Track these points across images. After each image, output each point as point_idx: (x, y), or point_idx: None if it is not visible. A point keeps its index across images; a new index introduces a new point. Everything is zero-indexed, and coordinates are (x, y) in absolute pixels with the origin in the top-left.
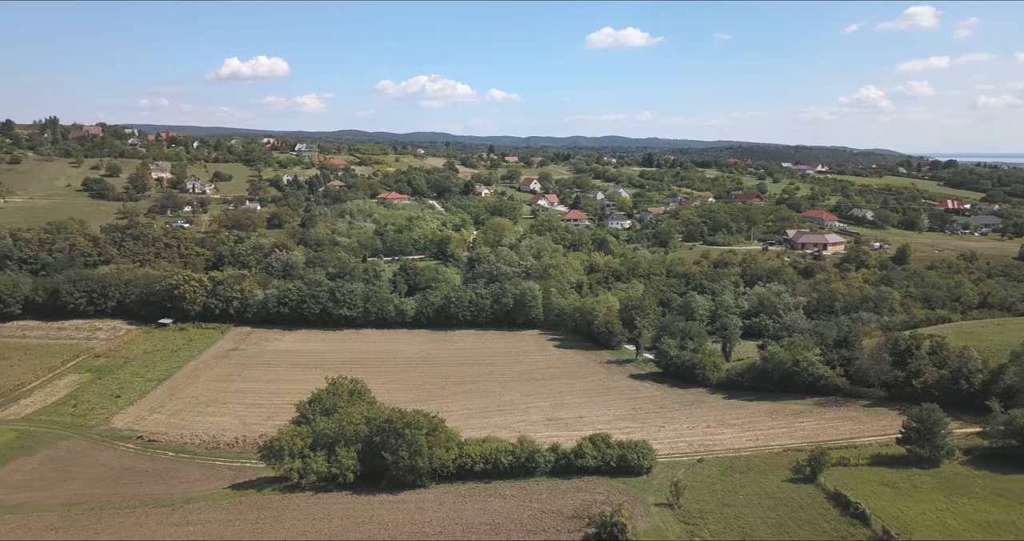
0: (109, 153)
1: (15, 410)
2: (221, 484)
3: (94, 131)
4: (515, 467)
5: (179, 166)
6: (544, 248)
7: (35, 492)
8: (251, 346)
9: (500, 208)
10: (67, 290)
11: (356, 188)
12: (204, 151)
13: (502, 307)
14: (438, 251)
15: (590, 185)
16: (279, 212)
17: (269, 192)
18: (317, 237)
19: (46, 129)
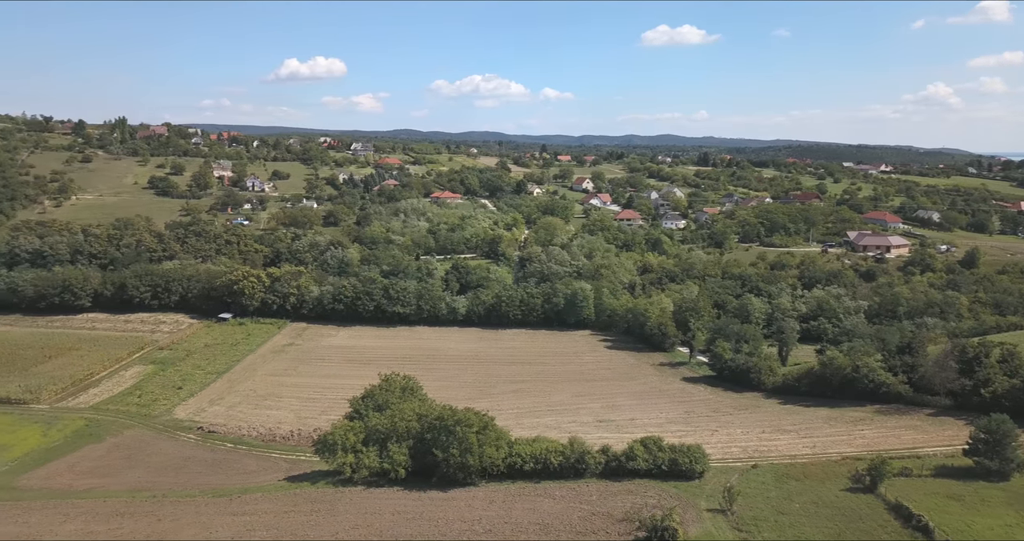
0: (174, 152)
1: (85, 399)
2: (277, 476)
3: (160, 131)
4: (565, 468)
5: (239, 165)
6: (596, 248)
7: (102, 478)
8: (307, 341)
9: (552, 207)
10: (133, 284)
11: (410, 187)
12: (263, 150)
13: (553, 307)
14: (489, 250)
15: (644, 184)
16: (335, 210)
17: (325, 190)
18: (372, 235)
19: (115, 129)
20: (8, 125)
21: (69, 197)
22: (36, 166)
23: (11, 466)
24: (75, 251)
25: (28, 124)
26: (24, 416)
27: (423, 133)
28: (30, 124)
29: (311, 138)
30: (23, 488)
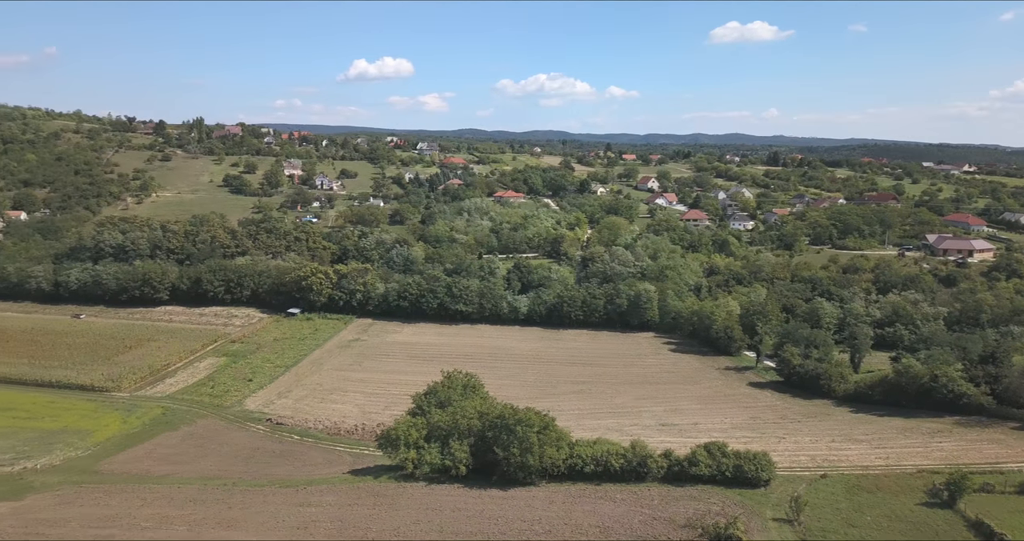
0: (247, 151)
1: (161, 388)
2: (341, 469)
3: (234, 130)
4: (626, 471)
5: (309, 163)
6: (661, 248)
7: (177, 465)
8: (372, 337)
9: (616, 207)
10: (208, 279)
11: (474, 186)
12: (332, 149)
13: (616, 308)
14: (552, 249)
15: (711, 184)
16: (401, 209)
17: (392, 189)
18: (436, 234)
19: (193, 129)
20: (95, 126)
21: (150, 194)
22: (120, 165)
23: (93, 450)
24: (154, 246)
25: (113, 124)
26: (106, 403)
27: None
28: (115, 124)
29: (378, 137)
30: (104, 472)
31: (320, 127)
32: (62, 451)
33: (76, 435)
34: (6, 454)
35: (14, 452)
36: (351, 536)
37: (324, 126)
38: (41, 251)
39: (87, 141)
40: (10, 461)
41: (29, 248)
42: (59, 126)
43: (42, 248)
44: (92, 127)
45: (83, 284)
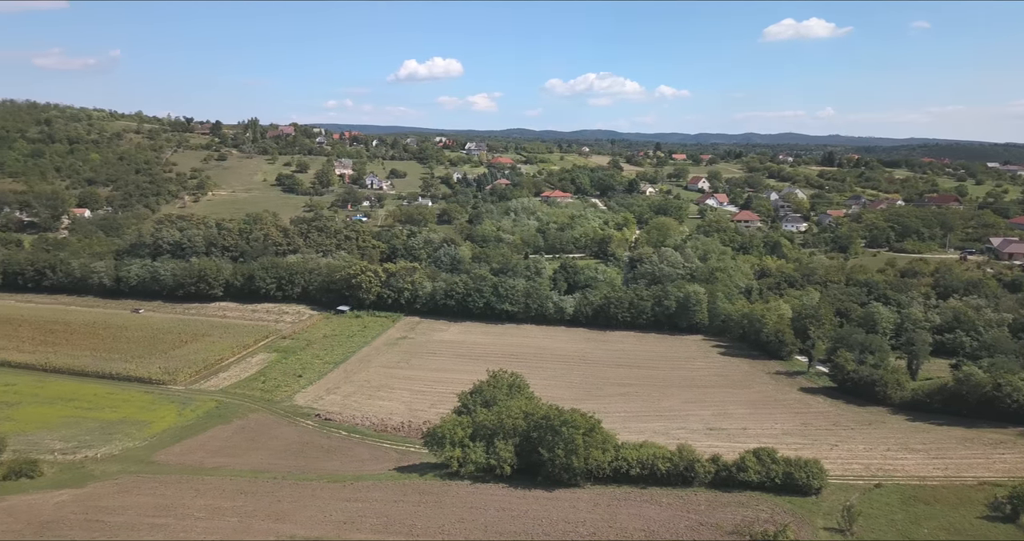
0: (299, 151)
1: (215, 382)
2: (387, 465)
3: (287, 130)
4: (673, 475)
5: (359, 163)
6: (711, 250)
7: (229, 458)
8: (419, 335)
9: (665, 207)
10: (260, 276)
11: (521, 186)
12: (382, 149)
13: (664, 310)
14: (599, 250)
15: (763, 185)
16: (448, 209)
17: (440, 189)
18: (483, 233)
19: (248, 129)
20: (155, 126)
21: (206, 193)
22: (178, 164)
23: (150, 441)
24: (210, 243)
25: (172, 125)
26: (162, 395)
27: (535, 132)
28: (174, 125)
29: (427, 137)
30: (160, 462)
31: (370, 127)
32: (121, 441)
33: (134, 426)
34: (69, 443)
35: (77, 441)
36: (396, 533)
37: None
38: (103, 247)
39: (148, 141)
40: (73, 450)
41: (92, 245)
42: (122, 127)
43: (104, 245)
44: (152, 127)
45: (142, 280)
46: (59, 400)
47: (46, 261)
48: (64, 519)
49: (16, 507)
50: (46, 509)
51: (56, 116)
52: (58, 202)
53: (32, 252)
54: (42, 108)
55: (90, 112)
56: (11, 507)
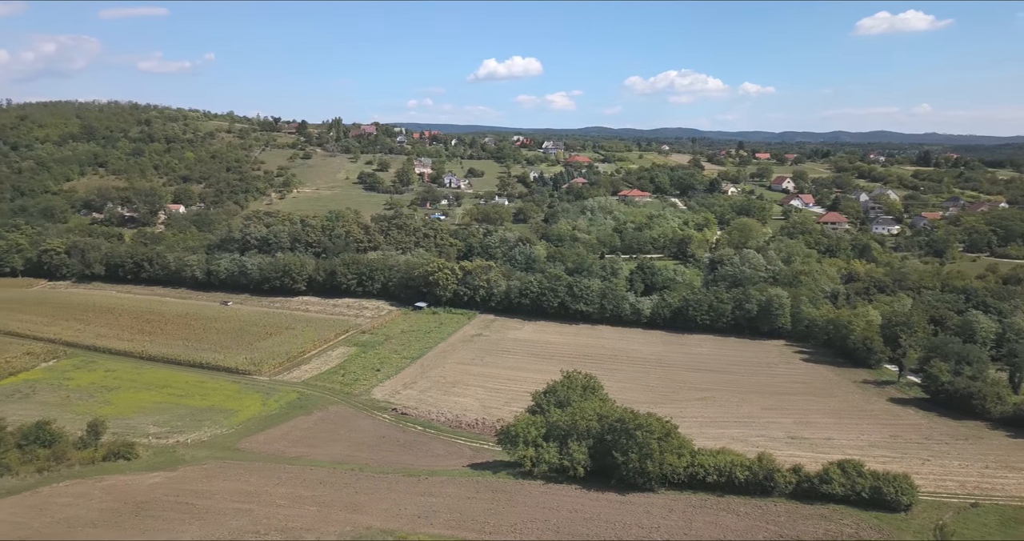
0: (381, 150)
1: (297, 374)
2: (461, 462)
3: (369, 130)
4: (751, 484)
5: (438, 162)
6: (795, 252)
7: (309, 448)
8: (493, 333)
9: (747, 207)
10: (342, 271)
11: (598, 185)
12: (460, 148)
13: (744, 313)
14: (678, 251)
15: (852, 185)
16: (524, 207)
17: (516, 188)
18: (558, 232)
19: (331, 128)
20: (245, 126)
21: (291, 190)
22: (266, 162)
23: (236, 429)
24: (294, 239)
25: (261, 125)
26: (248, 386)
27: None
28: (262, 124)
29: (505, 136)
30: (245, 450)
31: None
32: (209, 428)
33: (222, 414)
34: (162, 428)
35: (169, 426)
36: (469, 529)
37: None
38: (196, 242)
39: (238, 140)
40: (165, 434)
41: (186, 239)
42: (214, 126)
43: (197, 239)
44: (242, 127)
45: (231, 273)
46: (154, 386)
47: (144, 254)
48: (157, 500)
49: (114, 486)
50: (141, 490)
51: (155, 116)
52: (156, 198)
53: (132, 246)
54: (143, 109)
55: (186, 112)
56: (110, 486)
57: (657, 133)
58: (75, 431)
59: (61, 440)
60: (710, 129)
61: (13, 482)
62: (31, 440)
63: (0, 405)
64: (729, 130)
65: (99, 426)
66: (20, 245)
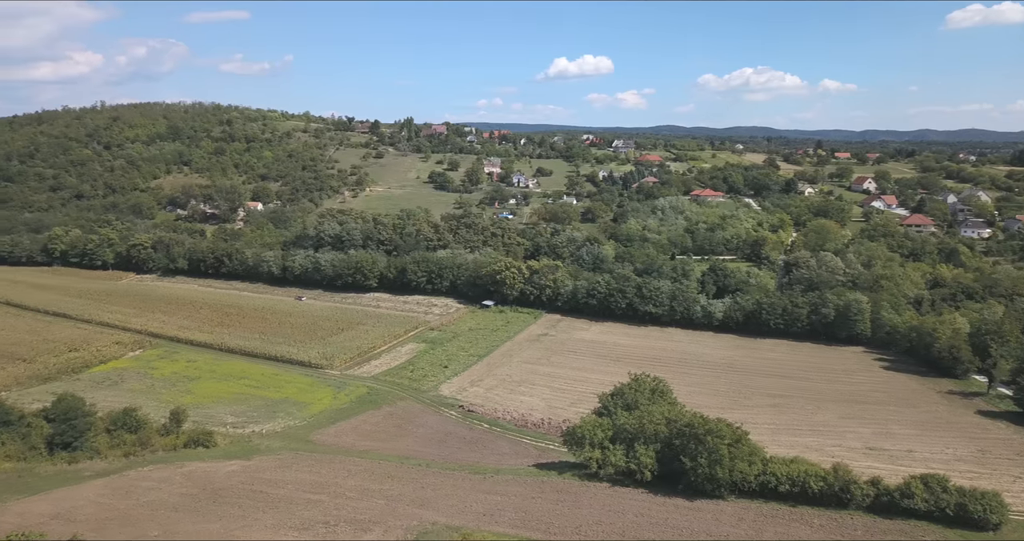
0: (451, 149)
1: (367, 369)
2: (527, 461)
3: (440, 129)
4: (826, 495)
5: (507, 162)
6: (876, 255)
7: (378, 442)
8: (560, 333)
9: (825, 209)
10: (412, 269)
11: (669, 184)
12: (529, 148)
13: (821, 318)
14: (751, 252)
15: (939, 186)
16: (593, 207)
17: (585, 187)
18: (628, 232)
19: (403, 128)
20: (320, 125)
21: (364, 189)
22: (340, 161)
23: (308, 422)
24: (366, 237)
25: (335, 124)
26: (320, 379)
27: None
28: (337, 124)
29: (574, 135)
30: (316, 442)
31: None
32: (283, 420)
33: (295, 406)
34: (239, 418)
35: (245, 417)
36: (534, 529)
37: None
38: (272, 238)
39: (313, 139)
40: (242, 424)
41: (263, 236)
42: (291, 126)
43: (273, 236)
44: (318, 127)
45: (305, 269)
46: (231, 377)
47: (224, 250)
48: (233, 488)
49: (194, 473)
50: (218, 477)
51: (236, 117)
52: (235, 196)
53: (212, 241)
54: (224, 110)
55: (265, 113)
56: (190, 472)
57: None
58: (158, 418)
59: (146, 426)
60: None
61: (102, 465)
62: (119, 426)
63: (91, 391)
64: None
65: (180, 414)
66: (111, 240)
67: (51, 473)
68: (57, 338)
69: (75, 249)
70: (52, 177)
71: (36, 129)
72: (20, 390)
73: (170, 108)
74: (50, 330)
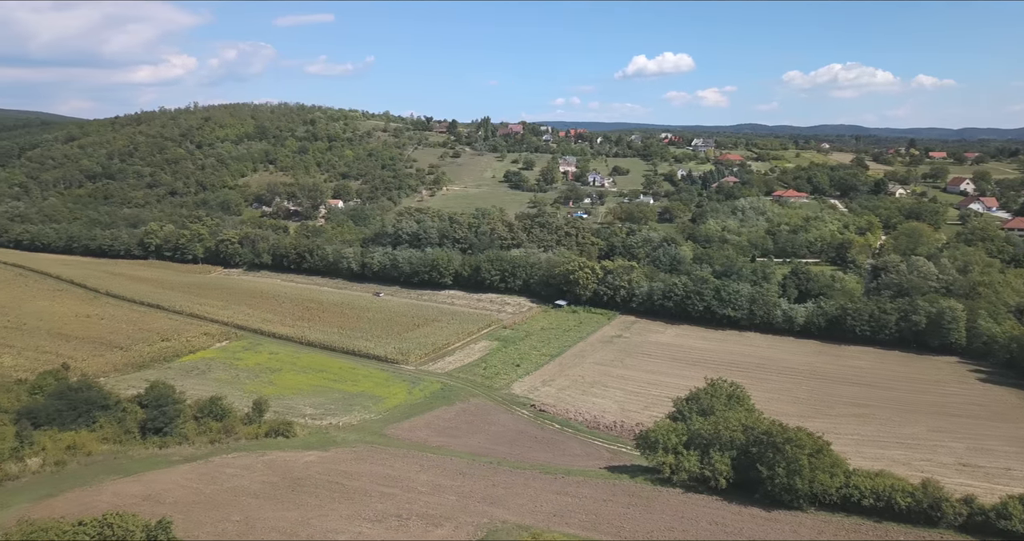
0: (526, 148)
1: (441, 365)
2: (598, 463)
3: (516, 129)
4: (914, 511)
5: (583, 160)
6: (973, 261)
7: (450, 438)
8: (634, 335)
9: (918, 211)
10: (486, 267)
11: (750, 184)
12: (606, 146)
13: (911, 325)
14: (836, 255)
15: None
16: (670, 207)
17: (663, 187)
18: (706, 233)
19: (480, 128)
20: (399, 125)
21: (441, 188)
22: (418, 160)
23: (383, 415)
24: (442, 235)
25: (414, 124)
26: (396, 374)
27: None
28: (415, 124)
29: (652, 134)
30: (390, 436)
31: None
32: (359, 413)
33: (370, 400)
34: (317, 410)
35: (323, 409)
36: (604, 532)
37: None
38: (352, 235)
39: (392, 139)
40: (320, 416)
41: (343, 233)
42: (371, 126)
43: (353, 233)
44: (397, 126)
45: (383, 266)
46: (311, 370)
47: (306, 246)
48: (311, 477)
49: (275, 461)
50: (297, 466)
51: (319, 116)
52: (317, 193)
53: (295, 238)
54: (308, 110)
55: (346, 112)
56: (271, 461)
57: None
58: (242, 408)
59: (230, 415)
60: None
61: (190, 450)
62: (205, 413)
63: (181, 380)
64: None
65: (263, 404)
66: (201, 235)
67: (143, 456)
68: (151, 328)
69: (168, 243)
70: (149, 175)
71: (135, 129)
72: (117, 376)
73: (258, 108)
74: (144, 320)
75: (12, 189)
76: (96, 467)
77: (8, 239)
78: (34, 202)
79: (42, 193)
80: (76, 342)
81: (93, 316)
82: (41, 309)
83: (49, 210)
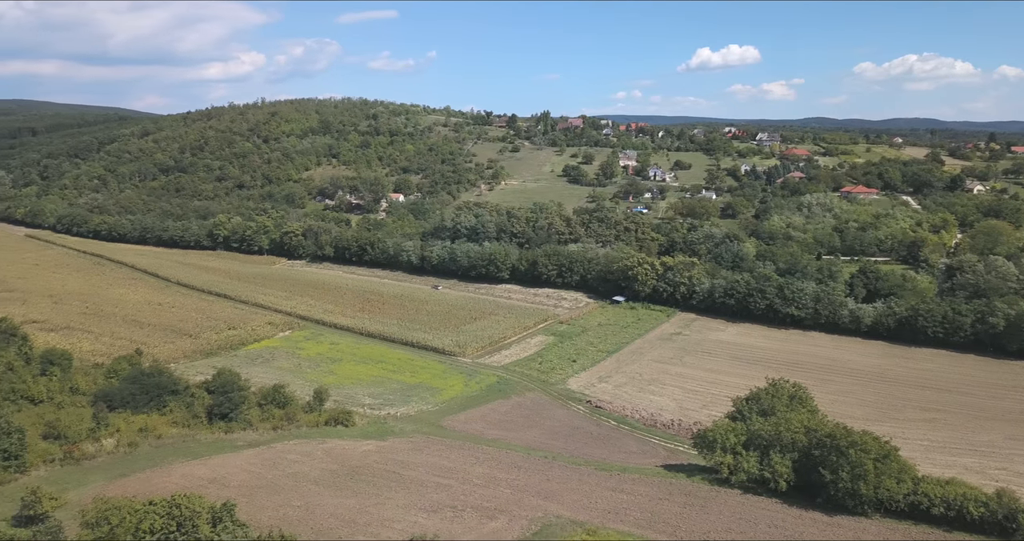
0: (586, 143)
1: (497, 359)
2: (654, 461)
3: (576, 123)
4: (987, 522)
5: (644, 155)
6: None
7: (506, 431)
8: (694, 333)
9: (997, 209)
10: (543, 262)
11: (817, 180)
12: (667, 140)
13: (988, 328)
14: (908, 254)
15: None
16: (733, 202)
17: (725, 182)
18: (770, 230)
19: (539, 122)
20: (459, 120)
21: (499, 182)
22: (477, 155)
23: (440, 407)
24: (500, 230)
25: (474, 118)
26: (453, 366)
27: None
28: (475, 118)
29: (715, 128)
30: (447, 427)
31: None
32: (416, 404)
33: (428, 391)
34: (376, 400)
35: (382, 399)
36: (660, 531)
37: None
38: (412, 229)
39: (452, 133)
40: (378, 406)
41: (403, 226)
42: (432, 120)
43: (413, 226)
44: (457, 121)
45: (442, 260)
46: (370, 361)
47: (367, 239)
48: (368, 466)
49: (334, 449)
50: (355, 455)
51: (381, 111)
52: (379, 187)
53: (357, 231)
54: (371, 105)
55: (408, 107)
56: (330, 449)
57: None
58: (303, 396)
59: (292, 403)
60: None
61: (253, 436)
62: (269, 401)
63: (246, 367)
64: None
65: (323, 393)
66: (266, 227)
67: (210, 440)
68: (218, 316)
69: (235, 235)
70: (218, 168)
71: (206, 124)
72: (187, 363)
73: (322, 104)
74: (212, 309)
75: (92, 182)
76: (166, 449)
77: (87, 229)
78: (111, 194)
79: (119, 185)
80: (149, 329)
81: (164, 304)
82: (117, 297)
83: (125, 202)
